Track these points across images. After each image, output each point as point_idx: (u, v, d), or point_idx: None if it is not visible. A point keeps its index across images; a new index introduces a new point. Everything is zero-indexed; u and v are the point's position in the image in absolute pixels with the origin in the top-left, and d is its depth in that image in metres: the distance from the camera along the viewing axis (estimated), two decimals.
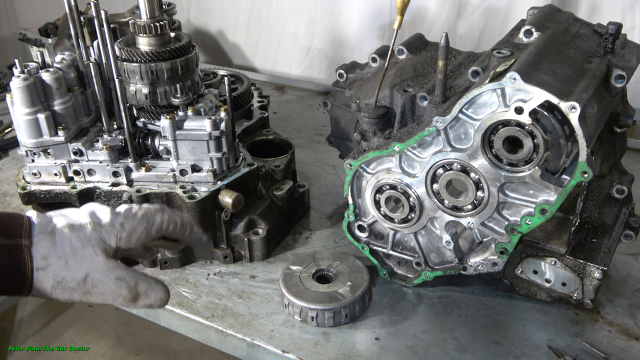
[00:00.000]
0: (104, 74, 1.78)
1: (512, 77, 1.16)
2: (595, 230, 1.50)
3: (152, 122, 1.69)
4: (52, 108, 1.70)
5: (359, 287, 1.49)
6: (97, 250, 1.02)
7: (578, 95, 1.17)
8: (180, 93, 1.64)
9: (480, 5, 2.45)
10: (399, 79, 1.55)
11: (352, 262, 1.57)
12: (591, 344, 1.38)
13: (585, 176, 1.19)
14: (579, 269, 1.40)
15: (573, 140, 1.19)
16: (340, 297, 1.45)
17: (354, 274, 1.53)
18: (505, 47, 1.36)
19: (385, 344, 1.42)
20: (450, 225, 1.43)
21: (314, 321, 1.45)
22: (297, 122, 2.54)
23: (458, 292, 1.56)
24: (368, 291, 1.51)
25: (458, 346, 1.40)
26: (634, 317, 1.47)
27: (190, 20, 3.26)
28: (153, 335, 3.18)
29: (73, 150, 1.72)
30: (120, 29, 1.90)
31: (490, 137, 1.26)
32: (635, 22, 2.22)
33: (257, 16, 3.04)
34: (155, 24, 1.60)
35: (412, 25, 2.54)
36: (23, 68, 1.66)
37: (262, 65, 3.16)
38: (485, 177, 1.30)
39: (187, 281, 1.63)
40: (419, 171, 1.39)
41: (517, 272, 1.47)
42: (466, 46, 1.91)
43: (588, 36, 1.44)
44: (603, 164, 1.51)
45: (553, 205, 1.25)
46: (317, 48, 2.92)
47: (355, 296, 1.46)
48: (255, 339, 1.44)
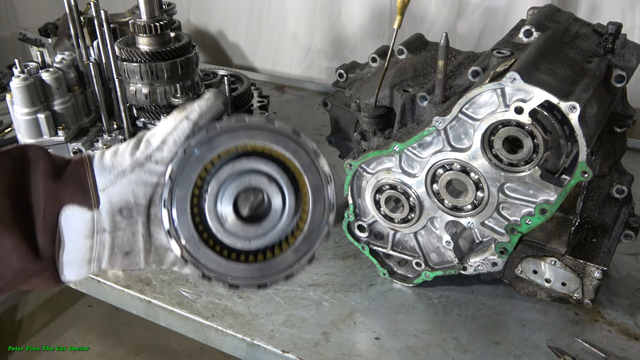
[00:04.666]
0: (104, 74, 1.78)
1: (512, 77, 1.16)
2: (595, 230, 1.50)
3: (152, 122, 1.70)
4: (52, 108, 1.70)
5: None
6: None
7: (578, 95, 1.17)
8: (180, 93, 1.64)
9: (480, 5, 2.45)
10: (398, 79, 1.55)
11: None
12: (591, 344, 1.38)
13: (585, 176, 1.19)
14: (579, 269, 1.40)
15: (573, 140, 1.19)
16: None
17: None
18: (505, 47, 1.36)
19: (385, 344, 1.42)
20: (450, 225, 1.43)
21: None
22: (297, 122, 2.54)
23: (458, 292, 1.56)
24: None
25: (458, 346, 1.40)
26: (634, 317, 1.47)
27: (190, 20, 3.26)
28: (153, 335, 3.18)
29: (73, 150, 1.72)
30: (120, 29, 1.90)
31: (490, 137, 1.26)
32: (635, 22, 2.22)
33: (257, 16, 3.04)
34: (155, 24, 1.60)
35: (412, 25, 2.53)
36: (23, 68, 1.66)
37: (262, 65, 3.16)
38: (485, 177, 1.30)
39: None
40: (419, 171, 1.39)
41: (517, 272, 1.47)
42: (466, 46, 1.91)
43: (588, 36, 1.44)
44: (603, 164, 1.51)
45: (553, 205, 1.25)
46: (317, 48, 2.92)
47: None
48: (255, 339, 1.44)
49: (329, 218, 0.92)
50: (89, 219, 0.90)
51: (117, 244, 0.93)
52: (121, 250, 0.94)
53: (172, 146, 0.90)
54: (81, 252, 0.92)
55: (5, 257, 0.87)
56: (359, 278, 1.63)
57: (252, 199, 0.91)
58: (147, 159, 0.90)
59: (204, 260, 0.92)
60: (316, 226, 0.92)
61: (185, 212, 0.89)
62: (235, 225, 0.90)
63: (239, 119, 0.89)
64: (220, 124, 0.89)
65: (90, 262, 0.93)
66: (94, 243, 0.92)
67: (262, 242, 0.92)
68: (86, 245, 0.92)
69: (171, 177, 0.88)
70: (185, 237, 0.90)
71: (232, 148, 0.89)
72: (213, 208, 0.90)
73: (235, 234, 0.90)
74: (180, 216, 0.90)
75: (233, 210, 0.89)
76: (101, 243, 0.92)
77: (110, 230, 0.92)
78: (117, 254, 0.94)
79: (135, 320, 3.17)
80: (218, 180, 0.89)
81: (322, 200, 0.92)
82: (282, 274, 0.93)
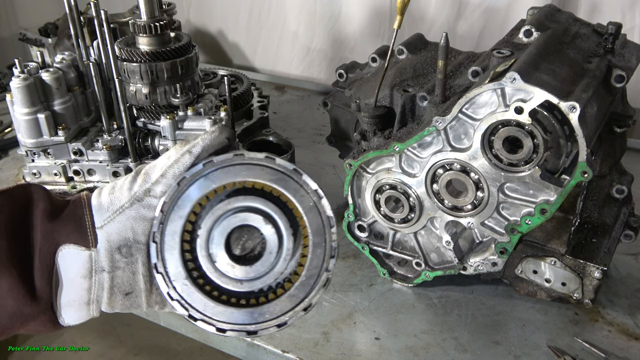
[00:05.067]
0: (104, 74, 1.78)
1: (512, 77, 1.16)
2: (595, 230, 1.50)
3: (152, 122, 1.70)
4: (52, 108, 1.70)
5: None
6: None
7: (578, 95, 1.17)
8: (180, 93, 1.64)
9: (480, 5, 2.45)
10: (398, 79, 1.54)
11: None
12: (591, 344, 1.38)
13: (585, 176, 1.19)
14: (578, 269, 1.40)
15: (573, 140, 1.19)
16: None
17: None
18: (505, 47, 1.35)
19: (385, 344, 1.42)
20: (450, 225, 1.43)
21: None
22: (297, 122, 2.54)
23: (458, 292, 1.56)
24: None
25: (458, 346, 1.40)
26: (634, 317, 1.47)
27: (190, 20, 3.26)
28: (153, 335, 3.18)
29: (73, 150, 1.72)
30: (120, 29, 1.90)
31: (490, 137, 1.26)
32: (635, 22, 2.22)
33: (257, 16, 3.04)
34: (155, 24, 1.60)
35: (412, 25, 2.53)
36: (23, 68, 1.66)
37: (262, 65, 3.16)
38: (485, 177, 1.30)
39: None
40: (419, 171, 1.39)
41: (517, 272, 1.47)
42: (466, 46, 1.91)
43: (588, 36, 1.44)
44: (603, 164, 1.51)
45: (553, 205, 1.25)
46: (317, 48, 2.92)
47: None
48: (255, 339, 1.44)
49: (329, 264, 0.86)
50: (86, 258, 0.87)
51: (117, 284, 0.89)
52: (121, 290, 0.90)
53: (172, 180, 0.85)
54: (79, 294, 0.88)
55: (1, 300, 0.84)
56: (359, 278, 1.63)
57: (246, 238, 0.86)
58: (146, 193, 0.86)
59: (191, 300, 0.87)
60: (315, 272, 0.86)
61: (174, 247, 0.85)
62: (226, 265, 0.85)
63: (238, 154, 0.84)
64: (218, 159, 0.84)
65: (89, 303, 0.90)
66: (92, 283, 0.88)
67: (254, 285, 0.86)
68: (84, 286, 0.88)
69: (162, 210, 0.84)
70: (173, 273, 0.86)
71: (229, 184, 0.85)
72: (205, 245, 0.85)
73: (225, 274, 0.85)
74: (169, 251, 0.85)
75: (225, 248, 0.84)
76: (100, 283, 0.88)
77: (109, 269, 0.88)
78: (116, 294, 0.90)
79: (135, 320, 3.18)
80: (212, 216, 0.84)
81: (322, 244, 0.86)
82: (274, 322, 0.87)
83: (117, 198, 0.87)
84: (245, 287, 0.86)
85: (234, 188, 0.85)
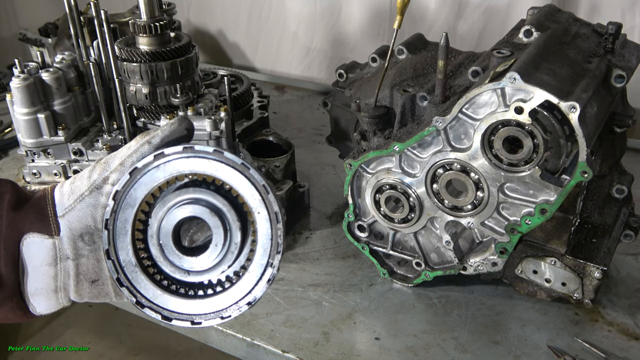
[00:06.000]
0: (104, 74, 1.78)
1: (512, 77, 1.16)
2: (595, 230, 1.50)
3: (152, 122, 1.69)
4: (52, 108, 1.70)
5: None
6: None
7: (578, 95, 1.17)
8: (180, 93, 1.64)
9: (480, 5, 2.45)
10: (398, 79, 1.55)
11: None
12: (591, 344, 1.38)
13: (585, 176, 1.19)
14: (578, 269, 1.40)
15: (573, 140, 1.19)
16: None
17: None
18: (505, 47, 1.35)
19: (385, 344, 1.42)
20: (450, 225, 1.43)
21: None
22: (297, 122, 2.54)
23: (458, 292, 1.56)
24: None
25: (458, 346, 1.40)
26: (634, 317, 1.47)
27: (190, 20, 3.26)
28: (153, 335, 3.18)
29: (73, 150, 1.72)
30: (120, 29, 1.90)
31: (490, 137, 1.26)
32: (635, 22, 2.22)
33: (257, 16, 3.04)
34: (155, 24, 1.60)
35: (412, 25, 2.53)
36: (23, 68, 1.66)
37: (262, 65, 3.16)
38: (485, 177, 1.30)
39: None
40: (419, 171, 1.39)
41: (517, 272, 1.47)
42: (466, 46, 1.91)
43: (588, 36, 1.44)
44: (603, 164, 1.51)
45: (553, 205, 1.25)
46: (317, 48, 2.92)
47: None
48: (255, 339, 1.44)
49: (275, 260, 0.87)
50: (50, 246, 0.89)
51: (82, 272, 0.91)
52: (87, 278, 0.92)
53: (130, 169, 0.87)
54: (46, 281, 0.91)
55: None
56: (359, 278, 1.63)
57: (194, 230, 0.88)
58: (105, 181, 0.88)
59: (140, 287, 0.89)
60: (261, 267, 0.88)
61: (125, 234, 0.87)
62: (174, 255, 0.87)
63: (187, 147, 0.86)
64: (168, 150, 0.85)
65: (57, 291, 0.92)
66: (57, 271, 0.91)
67: (201, 276, 0.89)
68: (50, 273, 0.90)
69: (114, 198, 0.86)
70: (123, 260, 0.88)
71: (181, 176, 0.86)
72: (156, 235, 0.87)
73: (173, 263, 0.87)
74: (120, 238, 0.87)
75: (172, 239, 0.86)
76: (65, 271, 0.91)
77: (74, 257, 0.90)
78: (83, 282, 0.92)
79: (135, 320, 3.19)
80: (162, 207, 0.86)
81: (270, 239, 0.87)
82: (218, 314, 0.90)
83: (77, 187, 0.90)
84: (192, 278, 0.89)
85: (186, 180, 0.87)
